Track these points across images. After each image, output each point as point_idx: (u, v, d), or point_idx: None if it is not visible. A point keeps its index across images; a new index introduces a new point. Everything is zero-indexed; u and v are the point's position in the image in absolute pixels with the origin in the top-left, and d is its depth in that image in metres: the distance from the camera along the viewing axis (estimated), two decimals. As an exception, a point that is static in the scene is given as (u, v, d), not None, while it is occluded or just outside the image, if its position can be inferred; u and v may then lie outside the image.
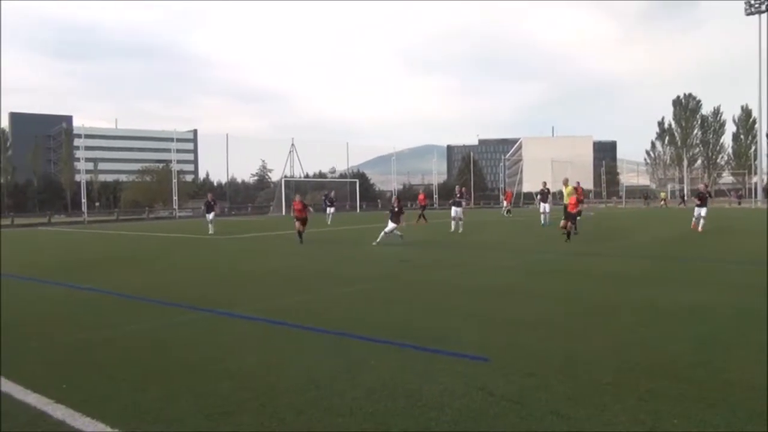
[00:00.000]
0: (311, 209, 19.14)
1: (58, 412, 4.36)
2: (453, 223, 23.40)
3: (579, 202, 19.72)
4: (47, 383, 5.00)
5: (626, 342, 6.24)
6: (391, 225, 18.09)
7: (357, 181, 65.68)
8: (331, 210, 34.97)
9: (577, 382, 4.90)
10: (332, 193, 38.61)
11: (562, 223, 18.90)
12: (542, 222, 27.05)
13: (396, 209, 18.50)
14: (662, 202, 64.44)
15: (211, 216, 26.88)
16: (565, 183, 21.72)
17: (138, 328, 7.28)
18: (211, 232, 25.16)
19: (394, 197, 24.26)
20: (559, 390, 4.70)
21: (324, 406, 4.37)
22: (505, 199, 44.66)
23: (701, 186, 26.20)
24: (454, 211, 23.45)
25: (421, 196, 33.88)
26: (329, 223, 32.12)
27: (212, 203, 27.71)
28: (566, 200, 20.40)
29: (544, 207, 27.83)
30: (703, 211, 22.26)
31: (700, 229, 21.67)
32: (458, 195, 23.85)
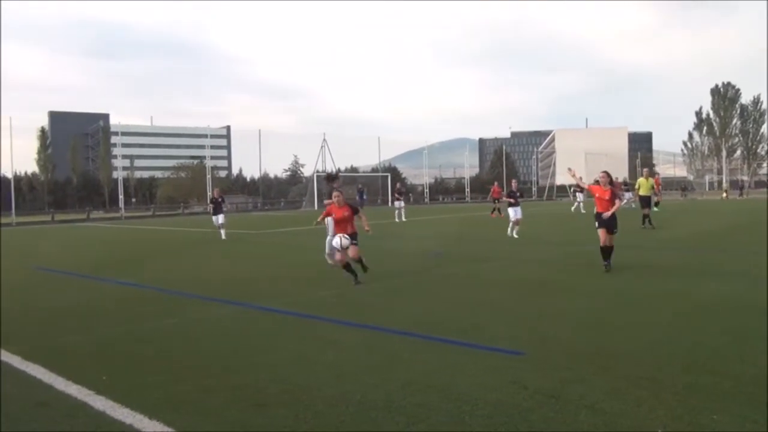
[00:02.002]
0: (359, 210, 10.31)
1: (99, 403, 4.46)
2: (510, 228, 18.05)
3: (654, 194, 19.89)
4: (88, 375, 5.12)
5: (664, 336, 6.14)
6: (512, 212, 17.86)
7: (389, 175, 65.65)
8: (400, 204, 29.81)
9: (613, 376, 4.84)
10: (398, 185, 35.08)
11: (645, 211, 19.43)
12: (578, 209, 27.13)
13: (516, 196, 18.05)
14: (724, 194, 61.34)
15: (221, 219, 20.76)
16: (646, 175, 21.34)
17: (174, 321, 7.40)
18: (223, 237, 20.10)
19: (515, 184, 20.02)
20: (595, 384, 4.65)
21: (357, 399, 4.39)
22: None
23: None
24: (514, 212, 18.08)
25: (495, 188, 30.86)
26: (403, 219, 28.33)
27: (220, 201, 21.73)
28: (647, 192, 20.29)
29: (580, 196, 27.84)
30: None
31: None
32: (515, 190, 19.08)
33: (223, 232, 20.34)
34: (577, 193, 32.04)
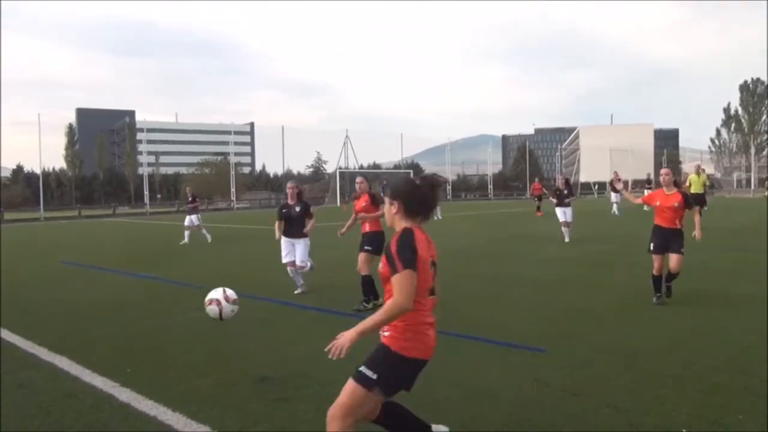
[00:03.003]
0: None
1: (123, 395, 4.53)
2: (563, 230, 15.83)
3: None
4: (113, 367, 5.20)
5: (689, 334, 6.07)
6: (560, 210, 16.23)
7: (411, 171, 65.59)
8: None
9: (637, 374, 4.79)
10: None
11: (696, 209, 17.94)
12: (613, 212, 26.45)
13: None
14: (767, 192, 58.70)
15: (195, 218, 18.33)
16: (698, 171, 20.50)
17: (198, 315, 7.47)
18: (185, 240, 17.67)
19: (561, 180, 17.46)
20: (618, 382, 4.61)
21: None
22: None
23: None
24: (562, 213, 15.89)
25: (536, 185, 29.78)
26: (440, 217, 25.36)
27: (196, 201, 19.16)
28: (700, 189, 19.39)
29: (616, 197, 27.18)
30: None
31: None
32: (563, 188, 16.41)
33: (187, 234, 17.86)
34: (612, 194, 31.39)
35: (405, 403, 3.34)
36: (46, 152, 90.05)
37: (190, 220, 18.24)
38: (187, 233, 17.92)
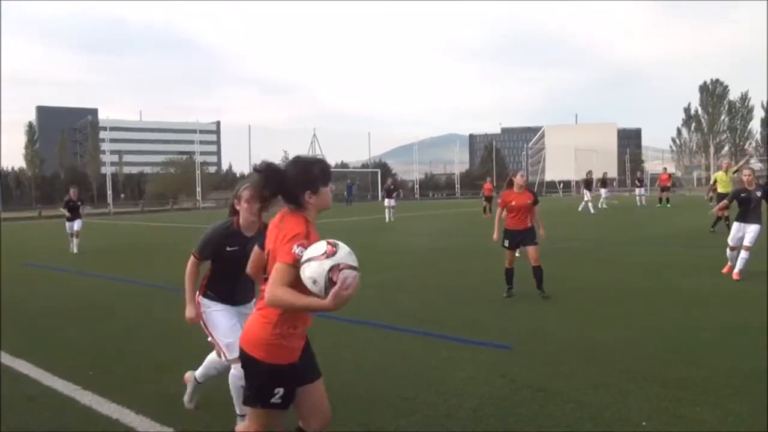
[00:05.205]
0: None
1: (86, 398, 4.46)
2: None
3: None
4: (76, 370, 5.10)
5: (655, 330, 6.18)
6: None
7: (379, 171, 65.62)
8: (391, 202, 26.13)
9: (601, 370, 4.88)
10: (389, 182, 30.53)
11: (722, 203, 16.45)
12: (581, 209, 26.89)
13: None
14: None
15: (76, 225, 15.81)
16: (726, 168, 17.33)
17: (165, 316, 7.37)
18: (74, 250, 15.51)
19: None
20: (582, 378, 4.68)
21: (347, 393, 4.40)
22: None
23: None
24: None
25: (487, 185, 29.31)
26: (392, 219, 25.14)
27: (79, 204, 16.45)
28: (726, 189, 16.00)
29: (588, 195, 27.66)
30: None
31: None
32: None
33: (75, 242, 15.67)
34: (637, 189, 32.71)
35: (369, 404, 3.36)
36: (4, 151, 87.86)
37: (71, 226, 15.84)
38: (75, 241, 15.77)
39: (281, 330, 2.67)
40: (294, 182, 2.74)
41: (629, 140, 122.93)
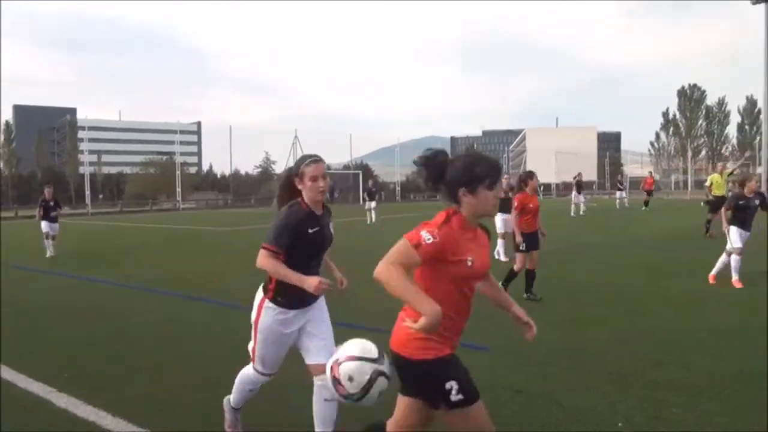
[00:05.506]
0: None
1: (61, 400, 4.39)
2: (499, 242, 12.52)
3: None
4: (53, 373, 5.02)
5: (638, 332, 6.23)
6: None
7: (360, 172, 65.56)
8: (372, 205, 25.58)
9: (582, 371, 4.90)
10: (371, 183, 30.27)
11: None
12: (572, 213, 27.06)
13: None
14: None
15: (52, 230, 14.90)
16: (721, 170, 17.05)
17: (145, 319, 7.29)
18: (49, 254, 14.49)
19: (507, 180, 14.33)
20: (563, 380, 4.70)
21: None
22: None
23: None
24: (502, 222, 12.22)
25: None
26: (374, 221, 24.68)
27: (52, 205, 15.32)
28: (722, 191, 16.04)
29: (578, 198, 27.85)
30: None
31: None
32: (507, 191, 12.36)
33: (50, 245, 14.72)
34: (618, 192, 34.01)
35: (343, 409, 3.32)
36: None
37: (46, 227, 14.90)
38: (50, 243, 14.86)
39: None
40: (453, 176, 2.64)
41: (609, 144, 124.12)
